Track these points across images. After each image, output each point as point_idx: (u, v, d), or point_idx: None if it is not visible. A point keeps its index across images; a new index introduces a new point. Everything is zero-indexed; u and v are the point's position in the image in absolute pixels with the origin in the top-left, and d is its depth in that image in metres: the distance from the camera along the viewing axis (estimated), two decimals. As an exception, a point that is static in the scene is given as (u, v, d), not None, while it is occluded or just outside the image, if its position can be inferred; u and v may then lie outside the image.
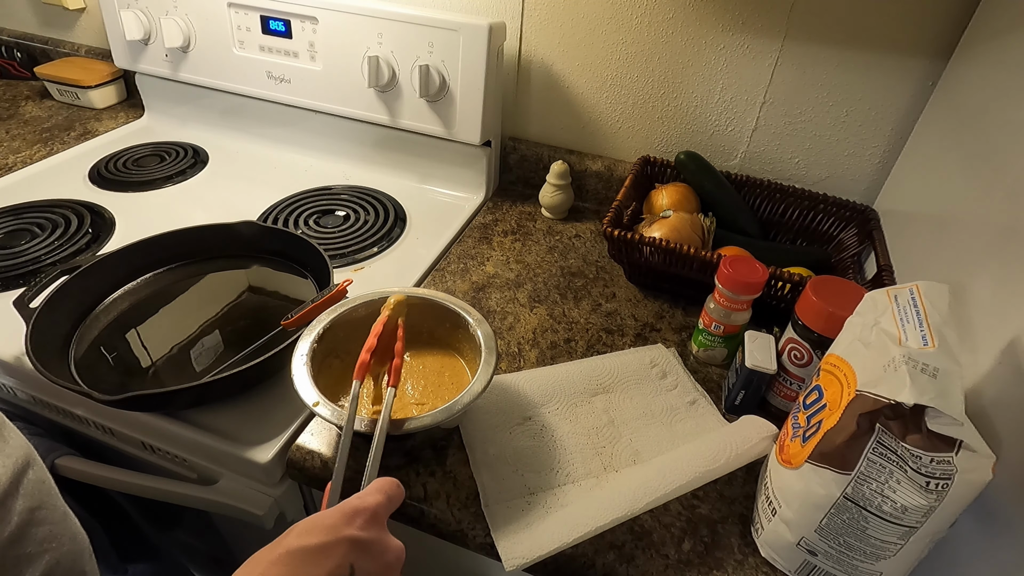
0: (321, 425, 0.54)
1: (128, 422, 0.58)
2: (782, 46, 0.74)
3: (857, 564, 0.41)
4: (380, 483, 0.38)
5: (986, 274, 0.47)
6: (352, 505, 0.36)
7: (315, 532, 0.33)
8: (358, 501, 0.36)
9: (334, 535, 0.33)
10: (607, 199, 0.91)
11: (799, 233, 0.80)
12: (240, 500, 0.54)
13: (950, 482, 0.36)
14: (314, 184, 0.89)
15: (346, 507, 0.35)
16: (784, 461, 0.45)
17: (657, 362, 0.62)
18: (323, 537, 0.33)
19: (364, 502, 0.36)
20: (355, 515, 0.35)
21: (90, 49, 1.16)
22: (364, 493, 0.37)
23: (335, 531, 0.34)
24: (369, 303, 0.56)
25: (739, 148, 0.83)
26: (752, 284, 0.57)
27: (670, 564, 0.46)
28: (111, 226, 0.78)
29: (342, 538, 0.33)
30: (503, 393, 0.57)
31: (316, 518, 0.34)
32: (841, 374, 0.42)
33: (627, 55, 0.81)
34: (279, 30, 0.86)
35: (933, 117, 0.69)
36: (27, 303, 0.57)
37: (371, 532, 0.35)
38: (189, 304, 0.67)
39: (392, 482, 0.39)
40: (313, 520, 0.34)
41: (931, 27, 0.67)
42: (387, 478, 0.39)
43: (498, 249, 0.80)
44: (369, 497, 0.37)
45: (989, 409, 0.41)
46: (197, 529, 0.72)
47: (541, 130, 0.92)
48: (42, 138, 0.99)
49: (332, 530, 0.34)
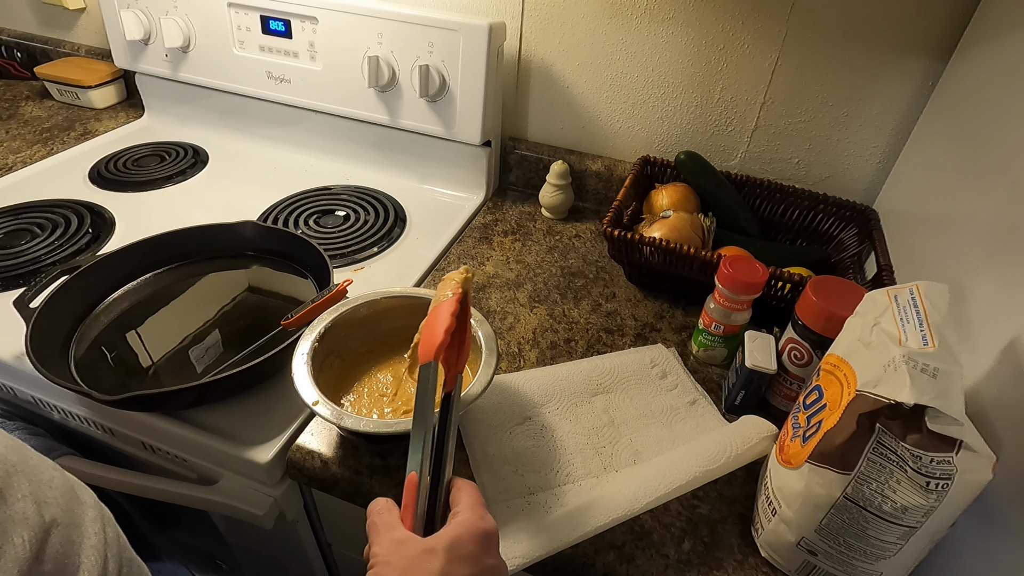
0: (321, 425, 0.54)
1: (128, 422, 0.58)
2: (782, 46, 0.74)
3: (857, 564, 0.41)
4: (475, 495, 0.38)
5: (986, 274, 0.47)
6: (482, 529, 0.35)
7: (466, 563, 0.33)
8: (484, 524, 0.36)
9: (479, 567, 0.34)
10: (607, 199, 0.91)
11: (799, 233, 0.80)
12: (240, 500, 0.54)
13: (950, 482, 0.36)
14: (314, 184, 0.89)
15: (477, 531, 0.35)
16: (784, 461, 0.45)
17: (657, 362, 0.62)
18: (472, 569, 0.33)
19: (489, 524, 0.36)
20: (489, 542, 0.35)
21: (90, 49, 1.16)
22: (480, 513, 0.36)
23: (478, 561, 0.34)
24: (371, 303, 0.56)
25: (739, 148, 0.83)
26: (752, 284, 0.57)
27: (670, 564, 0.46)
28: (111, 226, 0.78)
29: (486, 568, 0.34)
30: (503, 393, 0.57)
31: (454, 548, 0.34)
32: (841, 374, 0.42)
33: (627, 55, 0.81)
34: (279, 30, 0.86)
35: (933, 117, 0.69)
36: (27, 303, 0.57)
37: (500, 559, 0.35)
38: (189, 304, 0.67)
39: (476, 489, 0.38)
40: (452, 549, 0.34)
41: (931, 27, 0.67)
42: (471, 484, 0.38)
43: (498, 249, 0.80)
44: (489, 519, 0.36)
45: (989, 409, 0.41)
46: (197, 529, 0.71)
47: (541, 130, 0.92)
48: (42, 138, 0.99)
49: (475, 560, 0.34)
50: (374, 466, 0.51)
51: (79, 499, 0.31)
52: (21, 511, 0.27)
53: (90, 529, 0.31)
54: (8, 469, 0.28)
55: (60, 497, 0.30)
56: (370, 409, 0.52)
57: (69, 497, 0.31)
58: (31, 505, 0.28)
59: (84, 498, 0.32)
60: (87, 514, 0.31)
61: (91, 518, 0.31)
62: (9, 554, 0.25)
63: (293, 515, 0.58)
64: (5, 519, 0.26)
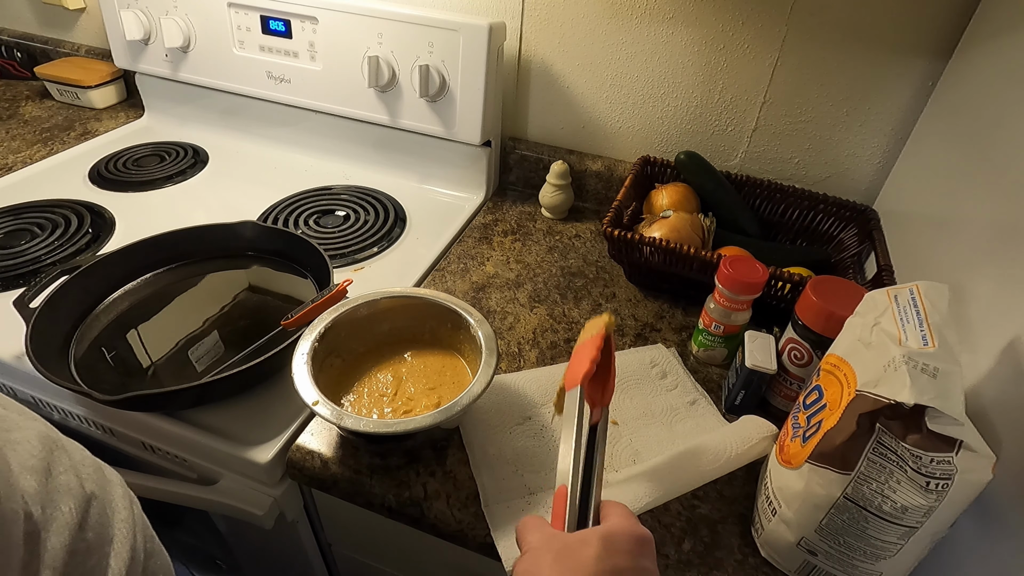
0: (321, 425, 0.54)
1: (128, 422, 0.58)
2: (782, 46, 0.74)
3: (857, 564, 0.41)
4: (627, 511, 0.37)
5: (986, 274, 0.47)
6: (639, 532, 0.35)
7: (621, 556, 0.33)
8: (640, 529, 0.35)
9: (634, 563, 0.33)
10: (607, 199, 0.91)
11: (799, 233, 0.80)
12: (240, 500, 0.54)
13: (950, 482, 0.36)
14: (314, 184, 0.89)
15: (633, 532, 0.35)
16: (784, 461, 0.45)
17: (657, 362, 0.62)
18: (629, 563, 0.33)
19: (645, 531, 0.35)
20: (645, 545, 0.35)
21: (90, 49, 1.16)
22: (634, 521, 0.36)
23: (634, 558, 0.33)
24: (371, 303, 0.56)
25: (739, 148, 0.83)
26: (752, 284, 0.57)
27: (670, 564, 0.46)
28: (111, 226, 0.78)
29: (641, 568, 0.33)
30: (503, 393, 0.57)
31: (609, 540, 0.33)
32: (841, 374, 0.42)
33: (627, 55, 0.81)
34: (279, 30, 0.86)
35: (933, 117, 0.69)
36: (27, 303, 0.57)
37: (655, 567, 0.35)
38: (189, 304, 0.67)
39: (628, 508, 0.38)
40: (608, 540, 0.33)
41: (931, 27, 0.67)
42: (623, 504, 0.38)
43: (498, 249, 0.80)
44: (644, 528, 0.36)
45: (989, 409, 0.41)
46: (197, 529, 0.72)
47: (541, 130, 0.92)
48: (42, 138, 0.99)
49: (630, 556, 0.33)
50: (374, 466, 0.51)
51: (107, 478, 0.33)
52: (65, 483, 0.29)
53: (119, 504, 0.33)
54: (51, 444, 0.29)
55: (94, 473, 0.32)
56: (370, 409, 0.52)
57: (100, 475, 0.32)
58: (74, 478, 0.29)
59: (111, 477, 0.34)
60: (116, 491, 0.33)
61: (120, 495, 0.33)
62: (59, 520, 0.27)
63: (293, 515, 0.58)
64: (52, 489, 0.28)
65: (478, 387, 0.48)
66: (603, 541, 0.33)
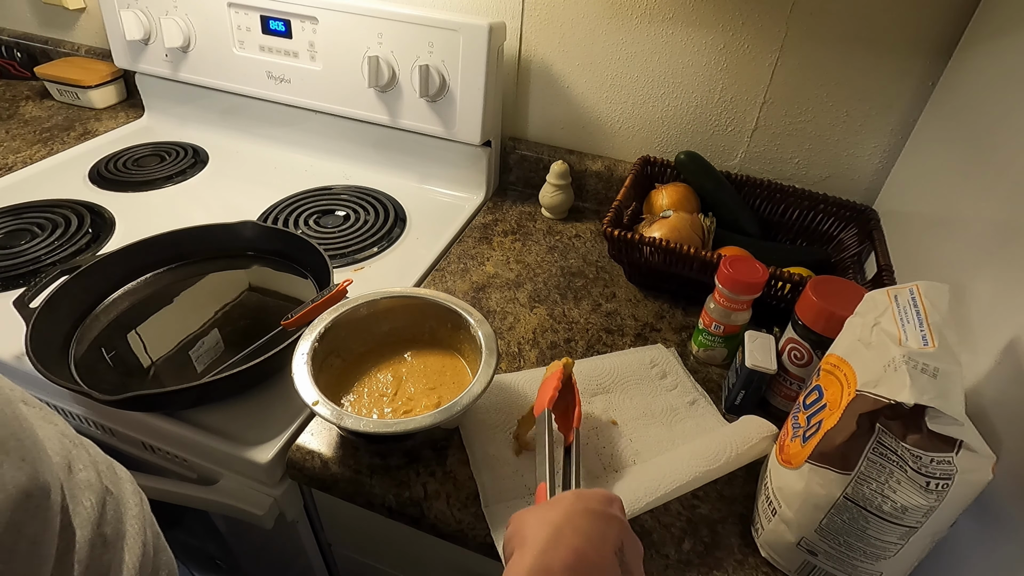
0: (321, 425, 0.54)
1: (128, 422, 0.58)
2: (782, 46, 0.74)
3: (857, 564, 0.41)
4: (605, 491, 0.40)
5: (986, 274, 0.47)
6: (603, 492, 0.37)
7: (593, 501, 0.35)
8: (609, 493, 0.38)
9: (605, 508, 0.35)
10: (607, 199, 0.91)
11: (799, 233, 0.80)
12: (240, 500, 0.54)
13: (950, 482, 0.36)
14: (314, 184, 0.89)
15: (601, 492, 0.37)
16: (784, 461, 0.45)
17: (657, 362, 0.62)
18: (601, 507, 0.35)
19: (614, 495, 0.38)
20: (611, 500, 0.37)
21: (90, 49, 1.16)
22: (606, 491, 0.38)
23: (605, 505, 0.35)
24: (370, 303, 0.56)
25: (739, 148, 0.83)
26: (752, 284, 0.57)
27: (670, 564, 0.46)
28: (111, 226, 0.78)
29: (611, 514, 0.35)
30: (503, 393, 0.57)
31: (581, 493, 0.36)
32: (841, 374, 0.42)
33: (627, 55, 0.81)
34: (279, 30, 0.86)
35: (933, 117, 0.69)
36: (27, 303, 0.57)
37: (624, 518, 0.36)
38: (189, 304, 0.67)
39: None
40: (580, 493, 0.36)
41: (931, 27, 0.67)
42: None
43: (498, 249, 0.80)
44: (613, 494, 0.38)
45: (989, 409, 0.41)
46: (197, 529, 0.71)
47: (541, 130, 0.92)
48: (42, 138, 0.99)
49: (603, 503, 0.35)
50: (374, 466, 0.51)
51: (119, 475, 0.34)
52: (85, 478, 0.30)
53: (130, 501, 0.33)
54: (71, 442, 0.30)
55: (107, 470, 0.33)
56: (370, 409, 0.52)
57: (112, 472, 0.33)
58: (93, 473, 0.30)
59: (122, 474, 0.35)
60: (127, 487, 0.34)
61: (130, 491, 0.34)
62: (82, 514, 0.28)
63: (293, 515, 0.58)
64: (74, 485, 0.28)
65: (478, 387, 0.48)
66: (576, 493, 0.37)
